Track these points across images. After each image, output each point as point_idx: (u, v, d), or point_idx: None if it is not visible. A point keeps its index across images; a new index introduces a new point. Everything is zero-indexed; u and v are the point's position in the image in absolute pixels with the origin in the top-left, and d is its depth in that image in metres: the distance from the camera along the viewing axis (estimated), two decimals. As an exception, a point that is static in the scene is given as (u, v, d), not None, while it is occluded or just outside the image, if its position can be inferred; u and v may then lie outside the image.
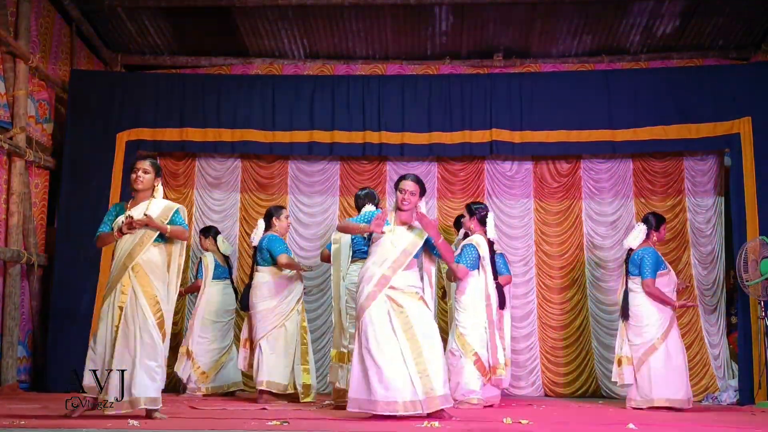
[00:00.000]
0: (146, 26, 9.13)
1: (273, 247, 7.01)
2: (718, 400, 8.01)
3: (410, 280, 5.28)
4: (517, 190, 9.11)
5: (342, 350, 6.17)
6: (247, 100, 8.74)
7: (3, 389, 7.34)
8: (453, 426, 4.57)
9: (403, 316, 5.15)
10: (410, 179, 5.41)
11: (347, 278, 6.23)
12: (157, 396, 4.93)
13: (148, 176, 5.24)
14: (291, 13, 8.82)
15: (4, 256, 7.58)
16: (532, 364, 8.76)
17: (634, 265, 6.74)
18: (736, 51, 9.20)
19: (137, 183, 5.22)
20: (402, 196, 5.36)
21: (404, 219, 5.39)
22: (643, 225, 6.86)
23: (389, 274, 5.21)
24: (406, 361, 5.02)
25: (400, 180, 5.43)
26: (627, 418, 5.36)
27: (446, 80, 8.88)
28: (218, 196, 9.23)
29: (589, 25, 8.96)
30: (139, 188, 5.24)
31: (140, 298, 4.99)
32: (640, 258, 6.71)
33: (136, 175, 5.22)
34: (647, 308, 6.67)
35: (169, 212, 5.22)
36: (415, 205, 5.35)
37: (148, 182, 5.24)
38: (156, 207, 5.22)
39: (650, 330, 6.62)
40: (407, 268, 5.27)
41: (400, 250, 5.27)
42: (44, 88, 8.44)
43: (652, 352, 6.57)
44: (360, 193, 6.62)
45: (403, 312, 5.16)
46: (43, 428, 4.17)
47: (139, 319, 4.96)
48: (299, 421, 4.87)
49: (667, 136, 8.38)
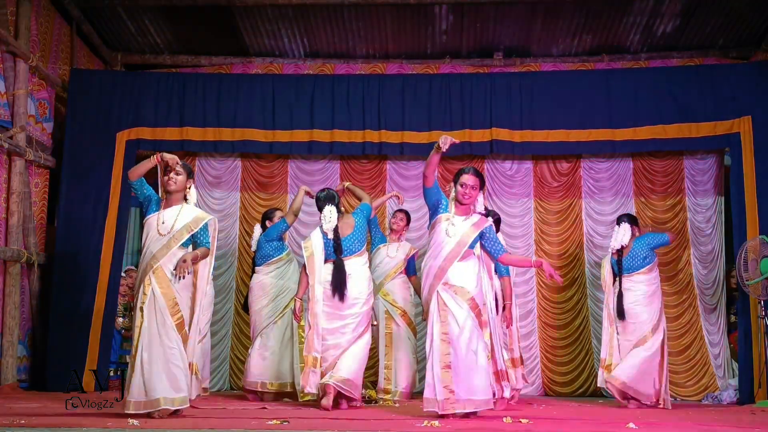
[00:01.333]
0: (146, 25, 9.12)
1: (273, 230, 7.19)
2: (719, 399, 8.02)
3: (466, 274, 5.35)
4: (517, 189, 9.11)
5: (316, 355, 6.06)
6: (247, 100, 8.73)
7: (3, 388, 7.34)
8: (453, 424, 4.57)
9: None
10: (471, 173, 5.46)
11: (323, 282, 6.17)
12: (176, 396, 4.93)
13: (181, 178, 5.25)
14: (291, 12, 8.81)
15: (4, 255, 7.58)
16: (532, 363, 8.76)
17: (638, 257, 7.00)
18: (736, 50, 9.19)
19: (170, 184, 5.23)
20: (463, 191, 5.42)
21: (463, 212, 5.48)
22: (625, 224, 7.17)
23: (446, 266, 5.28)
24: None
25: (460, 173, 5.47)
26: (627, 417, 5.36)
27: (446, 79, 8.87)
28: (218, 195, 9.23)
29: (590, 25, 8.96)
30: (171, 190, 5.25)
31: (158, 300, 5.00)
32: (645, 242, 7.06)
33: (168, 177, 5.22)
34: (641, 306, 6.94)
35: (198, 223, 5.23)
36: (475, 199, 5.45)
37: (180, 184, 5.26)
38: (187, 215, 5.23)
39: (643, 326, 6.91)
40: (463, 259, 5.34)
41: (455, 241, 5.34)
42: (44, 87, 8.43)
43: (642, 344, 6.87)
44: (320, 195, 6.55)
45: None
46: (43, 427, 4.17)
47: (157, 321, 4.98)
48: (299, 420, 4.87)
49: (667, 136, 8.38)
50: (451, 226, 5.39)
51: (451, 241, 5.35)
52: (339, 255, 6.15)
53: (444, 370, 5.12)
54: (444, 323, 5.24)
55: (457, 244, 5.35)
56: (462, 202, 5.44)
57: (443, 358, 5.15)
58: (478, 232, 5.41)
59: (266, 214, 7.49)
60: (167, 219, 5.16)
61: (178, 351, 4.99)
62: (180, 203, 5.28)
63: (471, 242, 5.39)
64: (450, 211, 5.46)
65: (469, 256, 5.42)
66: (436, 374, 5.14)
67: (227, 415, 5.26)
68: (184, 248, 5.19)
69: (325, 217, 6.26)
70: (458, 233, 5.38)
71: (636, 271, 6.97)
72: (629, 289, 6.94)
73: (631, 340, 6.92)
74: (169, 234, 5.12)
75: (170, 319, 4.99)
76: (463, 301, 5.28)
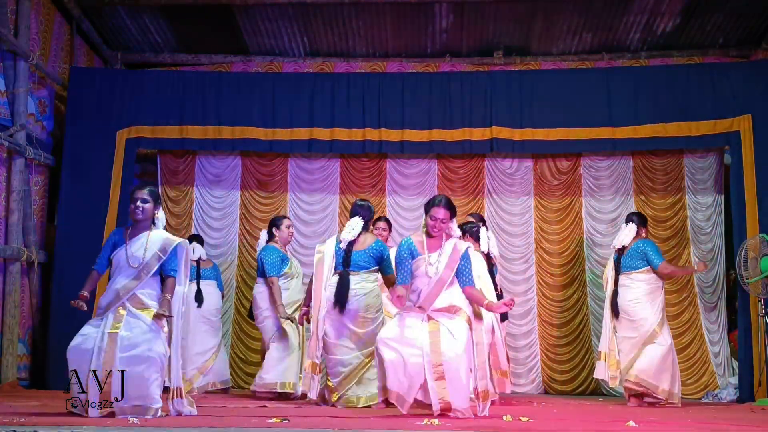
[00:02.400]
0: (146, 24, 9.13)
1: (267, 262, 7.02)
2: (719, 397, 8.02)
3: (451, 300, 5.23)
4: (518, 187, 9.11)
5: (315, 360, 6.07)
6: (247, 98, 8.73)
7: (3, 387, 7.34)
8: (453, 423, 4.57)
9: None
10: (441, 205, 5.24)
11: (329, 289, 6.11)
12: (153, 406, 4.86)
13: (148, 206, 5.10)
14: (291, 11, 8.82)
15: (4, 253, 7.59)
16: (532, 361, 8.76)
17: (634, 258, 6.90)
18: (736, 49, 9.19)
19: (136, 214, 5.09)
20: (432, 223, 5.23)
21: (435, 244, 5.30)
22: (632, 223, 7.08)
23: (426, 306, 5.16)
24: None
25: (431, 205, 5.27)
26: (627, 415, 5.36)
27: (446, 78, 8.88)
28: (218, 193, 9.23)
29: (590, 23, 8.96)
30: (139, 219, 5.12)
31: (140, 316, 4.93)
32: (641, 250, 6.90)
33: (134, 206, 5.09)
34: (642, 304, 6.87)
35: (167, 248, 5.08)
36: (444, 231, 5.28)
37: (147, 212, 5.11)
38: (155, 241, 5.09)
39: (646, 323, 6.83)
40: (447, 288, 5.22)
41: (435, 281, 5.20)
42: (44, 85, 8.43)
43: (651, 343, 6.80)
44: (360, 203, 6.45)
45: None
46: (43, 425, 4.17)
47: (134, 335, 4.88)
48: (299, 418, 4.87)
49: (667, 134, 8.38)
50: (429, 266, 5.23)
51: (431, 281, 5.20)
52: (346, 267, 6.06)
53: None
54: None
55: (436, 285, 5.20)
56: (431, 234, 5.29)
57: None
58: (453, 272, 5.24)
59: (274, 222, 7.32)
60: (136, 251, 5.05)
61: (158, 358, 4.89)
62: (147, 230, 5.14)
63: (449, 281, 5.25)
64: (420, 250, 5.26)
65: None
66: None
67: (227, 414, 5.26)
68: (155, 276, 5.08)
69: (349, 226, 6.15)
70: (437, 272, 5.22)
71: (633, 270, 6.93)
72: (628, 287, 6.92)
73: (634, 337, 6.84)
74: (141, 265, 5.00)
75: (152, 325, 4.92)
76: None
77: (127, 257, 5.05)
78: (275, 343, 7.00)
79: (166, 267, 5.10)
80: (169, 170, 9.22)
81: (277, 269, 7.02)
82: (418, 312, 5.19)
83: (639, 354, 6.81)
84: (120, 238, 5.18)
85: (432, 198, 5.38)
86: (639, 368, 6.77)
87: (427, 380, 4.97)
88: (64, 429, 4.08)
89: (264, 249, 7.18)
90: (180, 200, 9.20)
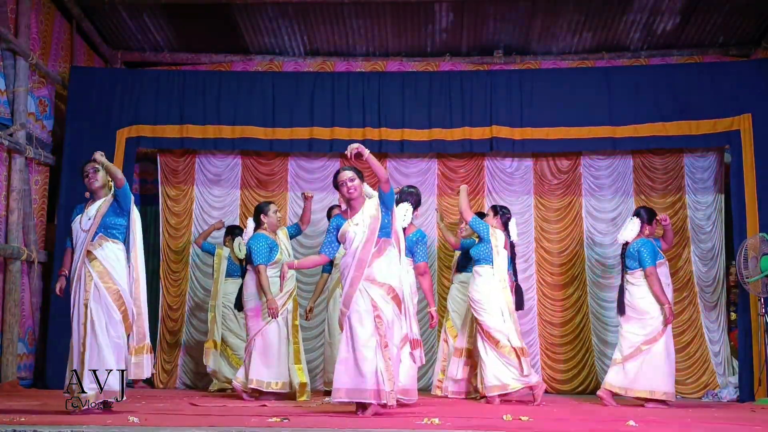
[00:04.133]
0: (146, 23, 9.13)
1: (254, 250, 6.80)
2: (719, 396, 8.01)
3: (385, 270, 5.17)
4: (517, 186, 9.11)
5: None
6: (247, 97, 8.73)
7: (3, 386, 7.35)
8: (453, 422, 4.57)
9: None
10: (344, 170, 5.29)
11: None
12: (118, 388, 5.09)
13: (101, 174, 5.34)
14: (291, 10, 8.81)
15: (4, 252, 7.59)
16: (532, 360, 8.70)
17: (632, 258, 6.78)
18: (736, 48, 9.19)
19: (92, 183, 5.33)
20: (345, 188, 5.24)
21: (356, 207, 5.29)
22: (636, 218, 6.92)
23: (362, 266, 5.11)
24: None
25: (336, 176, 5.30)
26: (627, 415, 5.36)
27: (446, 77, 8.88)
28: (218, 192, 9.23)
29: (590, 22, 8.96)
30: (94, 188, 5.34)
31: (103, 295, 5.12)
32: (636, 250, 6.75)
33: (86, 176, 5.33)
34: (650, 300, 6.70)
35: (109, 201, 5.32)
36: (361, 190, 5.27)
37: (102, 180, 5.34)
38: (105, 202, 5.31)
39: (653, 322, 6.68)
40: (378, 254, 5.16)
41: (362, 233, 5.15)
42: (44, 84, 8.44)
43: (653, 343, 6.66)
44: (406, 189, 6.55)
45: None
46: (43, 425, 4.17)
47: (105, 315, 5.12)
48: (299, 418, 4.87)
49: (667, 133, 8.38)
50: (354, 225, 5.21)
51: (358, 236, 5.17)
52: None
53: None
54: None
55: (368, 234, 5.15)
56: (351, 197, 5.26)
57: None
58: (377, 212, 5.20)
59: (261, 209, 7.09)
60: (90, 212, 5.28)
61: (123, 344, 5.16)
62: (105, 198, 5.35)
63: (380, 225, 5.18)
64: (348, 221, 5.25)
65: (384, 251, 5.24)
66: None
67: (227, 413, 5.26)
68: (118, 242, 5.27)
69: (399, 213, 5.94)
70: (362, 226, 5.19)
71: (635, 268, 6.77)
72: (633, 284, 6.78)
73: (640, 335, 6.68)
74: (91, 222, 5.22)
75: (117, 314, 5.13)
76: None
77: (80, 223, 5.28)
78: (264, 339, 6.79)
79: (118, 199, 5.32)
80: (169, 169, 9.22)
81: (265, 257, 6.77)
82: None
83: (636, 354, 6.70)
84: (80, 209, 5.40)
85: (336, 172, 5.38)
86: (653, 381, 6.63)
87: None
88: (64, 428, 4.09)
89: (253, 237, 6.93)
90: (180, 199, 9.20)
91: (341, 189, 5.29)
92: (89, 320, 5.06)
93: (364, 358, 4.97)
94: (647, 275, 6.67)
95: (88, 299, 5.09)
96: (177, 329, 8.94)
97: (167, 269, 9.07)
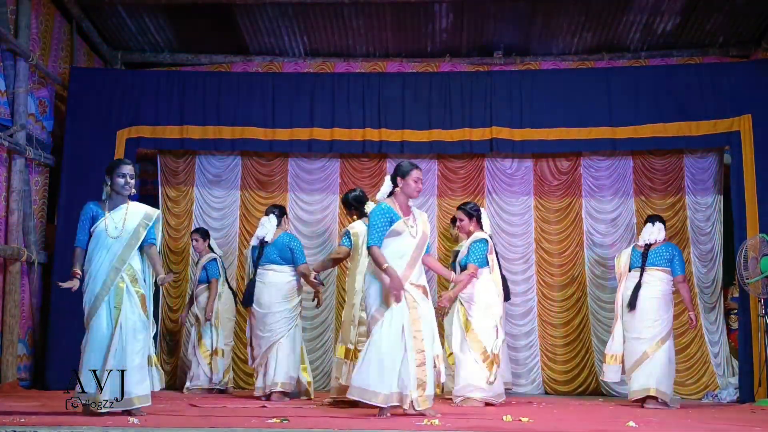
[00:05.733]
0: (146, 24, 9.13)
1: (297, 250, 6.90)
2: (719, 397, 8.01)
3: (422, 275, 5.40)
4: (518, 187, 9.11)
5: (349, 346, 6.08)
6: (247, 98, 8.73)
7: (3, 387, 7.34)
8: (453, 423, 4.57)
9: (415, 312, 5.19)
10: (416, 167, 5.38)
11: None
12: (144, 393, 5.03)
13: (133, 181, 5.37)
14: (291, 11, 8.81)
15: (4, 253, 7.58)
16: (532, 361, 8.76)
17: (662, 257, 6.95)
18: (736, 48, 9.19)
19: (126, 189, 5.34)
20: (417, 186, 5.37)
21: (407, 208, 5.42)
22: (660, 224, 7.15)
23: (408, 273, 5.22)
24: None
25: (413, 168, 5.36)
26: (627, 416, 5.36)
27: (446, 78, 8.87)
28: (218, 193, 9.23)
29: (590, 23, 8.96)
30: (128, 194, 5.36)
31: (134, 298, 5.13)
32: (671, 253, 6.99)
33: (124, 180, 5.31)
34: (662, 303, 6.86)
35: (150, 219, 5.34)
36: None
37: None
38: (135, 213, 5.32)
39: (660, 324, 6.80)
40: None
41: (416, 244, 5.32)
42: (44, 85, 8.43)
43: (661, 345, 6.76)
44: (351, 195, 6.59)
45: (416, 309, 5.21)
46: (43, 425, 4.17)
47: (136, 318, 5.09)
48: (299, 418, 4.87)
49: (667, 134, 8.38)
50: (410, 228, 5.34)
51: (414, 243, 5.34)
52: None
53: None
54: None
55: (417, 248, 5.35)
56: (414, 196, 5.43)
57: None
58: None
59: (283, 210, 7.22)
60: (116, 220, 5.26)
61: (147, 348, 5.18)
62: (125, 203, 5.37)
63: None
64: (399, 214, 5.34)
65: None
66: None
67: (228, 414, 5.26)
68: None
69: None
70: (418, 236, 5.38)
71: (659, 266, 6.93)
72: (648, 283, 6.87)
73: (641, 338, 6.75)
74: (126, 234, 5.22)
75: (144, 317, 5.15)
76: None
77: (107, 228, 5.26)
78: (289, 342, 6.78)
79: (146, 235, 5.32)
80: (169, 170, 9.22)
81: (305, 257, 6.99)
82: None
83: (643, 359, 6.73)
84: (98, 210, 5.40)
85: (401, 164, 5.43)
86: (651, 378, 6.68)
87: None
88: (65, 429, 4.09)
89: (289, 236, 6.99)
90: (180, 200, 9.20)
91: (416, 184, 5.36)
92: (119, 324, 5.04)
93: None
94: (677, 281, 6.94)
95: (120, 303, 5.08)
96: (177, 330, 8.94)
97: (167, 270, 9.06)
